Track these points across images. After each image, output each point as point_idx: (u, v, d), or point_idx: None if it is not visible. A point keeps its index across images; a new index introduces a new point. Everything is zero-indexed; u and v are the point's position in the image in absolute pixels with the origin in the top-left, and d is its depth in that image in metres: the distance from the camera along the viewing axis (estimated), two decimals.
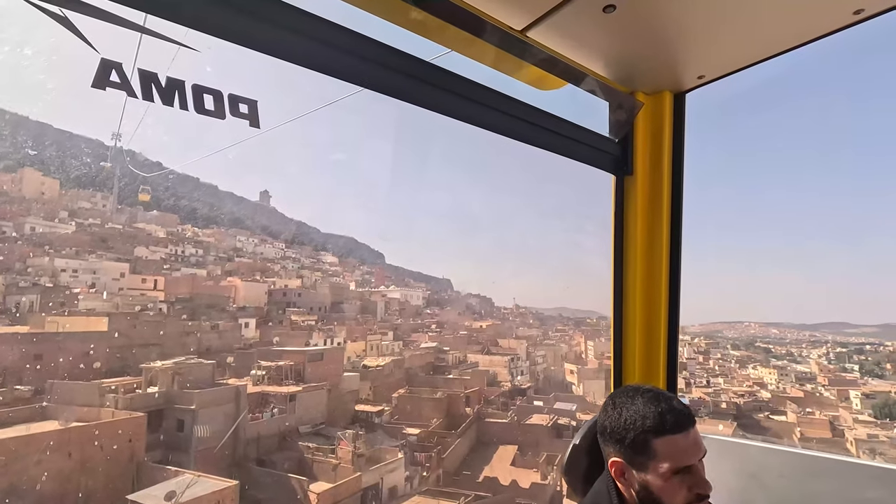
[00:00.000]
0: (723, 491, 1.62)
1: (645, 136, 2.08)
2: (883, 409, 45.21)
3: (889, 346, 71.45)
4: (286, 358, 25.24)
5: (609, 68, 1.87)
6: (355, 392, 27.13)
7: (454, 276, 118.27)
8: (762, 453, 1.87)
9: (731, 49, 1.73)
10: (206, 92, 1.11)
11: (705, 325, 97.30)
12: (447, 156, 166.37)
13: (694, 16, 1.56)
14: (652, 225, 2.06)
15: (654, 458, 1.08)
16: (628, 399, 1.16)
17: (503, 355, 44.09)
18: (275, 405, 22.34)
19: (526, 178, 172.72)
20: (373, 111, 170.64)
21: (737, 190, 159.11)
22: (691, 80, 1.95)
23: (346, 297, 51.73)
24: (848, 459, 1.73)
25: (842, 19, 1.54)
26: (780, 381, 55.88)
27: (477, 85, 1.58)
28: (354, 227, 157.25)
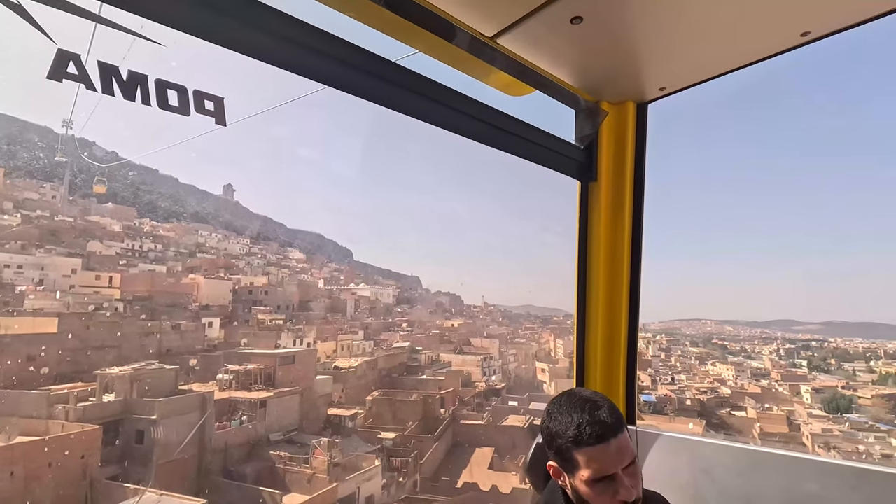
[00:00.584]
0: (677, 486, 1.85)
1: (609, 143, 2.15)
2: (831, 403, 47.41)
3: (832, 343, 75.13)
4: (255, 361, 23.93)
5: (576, 77, 1.93)
6: (328, 396, 26.14)
7: (423, 274, 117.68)
8: (713, 449, 1.94)
9: (690, 64, 1.82)
10: (171, 87, 1.09)
11: (665, 323, 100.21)
12: (417, 155, 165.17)
13: (656, 32, 1.63)
14: (614, 229, 2.14)
15: (577, 467, 1.13)
16: (559, 407, 1.20)
17: (476, 354, 43.80)
18: (244, 412, 21.11)
19: (495, 180, 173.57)
20: (342, 109, 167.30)
21: (696, 194, 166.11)
22: (653, 91, 2.03)
23: (315, 295, 50.26)
24: (790, 454, 1.82)
25: (791, 41, 1.65)
26: (737, 378, 57.86)
27: (445, 88, 1.58)
28: (322, 223, 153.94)
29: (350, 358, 34.73)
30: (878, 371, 58.21)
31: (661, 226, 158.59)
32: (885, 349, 65.68)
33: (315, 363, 27.39)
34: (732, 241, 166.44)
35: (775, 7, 1.53)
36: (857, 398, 48.51)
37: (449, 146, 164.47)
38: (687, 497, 1.91)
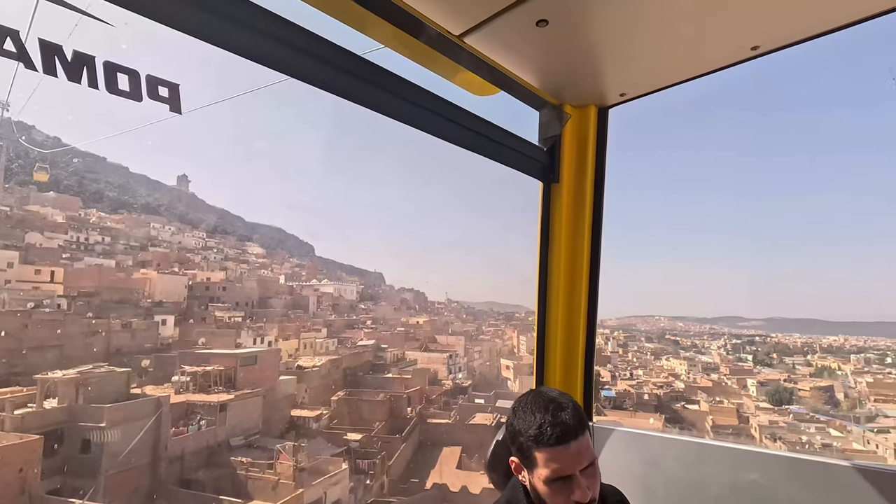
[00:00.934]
0: (629, 478, 1.92)
1: (571, 146, 2.19)
2: (774, 395, 50.02)
3: (774, 338, 79.10)
4: (215, 362, 22.68)
5: (540, 80, 1.96)
6: (292, 397, 25.19)
7: (387, 271, 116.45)
8: (662, 443, 2.03)
9: (648, 72, 1.88)
10: (121, 71, 1.04)
11: (621, 319, 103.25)
12: (381, 151, 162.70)
13: (617, 40, 1.68)
14: (575, 229, 2.19)
15: (536, 466, 1.15)
16: (525, 405, 1.21)
17: (442, 352, 43.59)
18: (202, 416, 19.95)
19: (459, 178, 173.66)
20: (304, 101, 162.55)
21: (650, 195, 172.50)
22: (614, 96, 2.09)
23: (276, 291, 48.67)
24: (732, 446, 1.90)
25: (741, 54, 1.73)
26: (689, 372, 59.98)
27: (411, 84, 1.57)
28: (282, 217, 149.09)
29: (314, 357, 33.76)
30: (815, 365, 61.71)
31: (619, 225, 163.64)
32: (820, 344, 69.83)
33: (278, 363, 26.32)
34: (684, 241, 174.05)
35: (727, 22, 1.59)
36: (798, 390, 51.45)
37: (413, 143, 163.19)
38: (638, 488, 2.00)
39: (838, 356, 63.10)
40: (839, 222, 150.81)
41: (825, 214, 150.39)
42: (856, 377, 54.27)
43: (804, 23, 1.61)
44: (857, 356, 61.90)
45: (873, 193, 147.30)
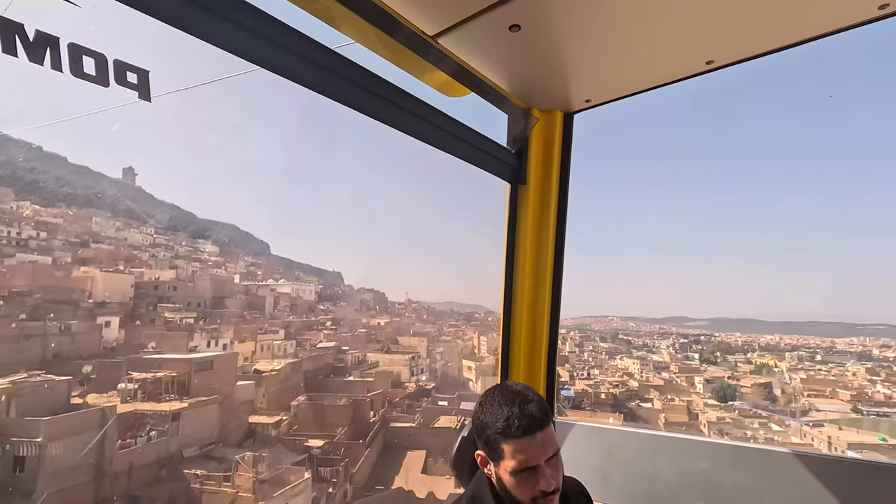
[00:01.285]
0: (588, 469, 2.02)
1: (538, 149, 2.25)
2: (719, 392, 52.47)
3: (718, 337, 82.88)
4: (166, 367, 21.20)
5: (510, 83, 2.01)
6: (250, 403, 23.99)
7: (346, 270, 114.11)
8: (619, 435, 2.16)
9: (612, 80, 1.96)
10: (87, 54, 1.01)
11: (577, 319, 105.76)
12: (342, 148, 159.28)
13: (584, 48, 1.74)
14: (540, 231, 2.25)
15: (503, 458, 1.18)
16: (491, 398, 1.24)
17: (404, 353, 43.09)
18: (152, 426, 18.60)
19: (423, 178, 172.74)
20: (261, 95, 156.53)
21: (604, 198, 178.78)
22: (580, 102, 2.17)
23: (231, 291, 46.65)
24: (682, 436, 2.04)
25: (697, 67, 1.83)
26: (642, 371, 61.99)
27: (383, 80, 1.57)
28: (237, 214, 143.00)
29: (272, 360, 32.45)
30: (754, 362, 65.10)
31: (576, 228, 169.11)
32: (759, 342, 73.83)
33: (236, 367, 25.00)
34: (635, 244, 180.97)
35: (684, 36, 1.67)
36: (740, 387, 54.23)
37: (375, 140, 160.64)
38: (597, 479, 2.09)
39: (774, 354, 66.75)
40: (776, 230, 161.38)
41: (764, 222, 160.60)
42: (791, 374, 57.67)
43: (756, 40, 1.70)
44: (791, 354, 65.67)
45: (805, 205, 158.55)
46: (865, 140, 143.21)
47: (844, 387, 53.52)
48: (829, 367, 60.62)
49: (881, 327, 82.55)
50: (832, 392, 52.98)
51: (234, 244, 72.86)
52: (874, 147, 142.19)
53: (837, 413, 48.52)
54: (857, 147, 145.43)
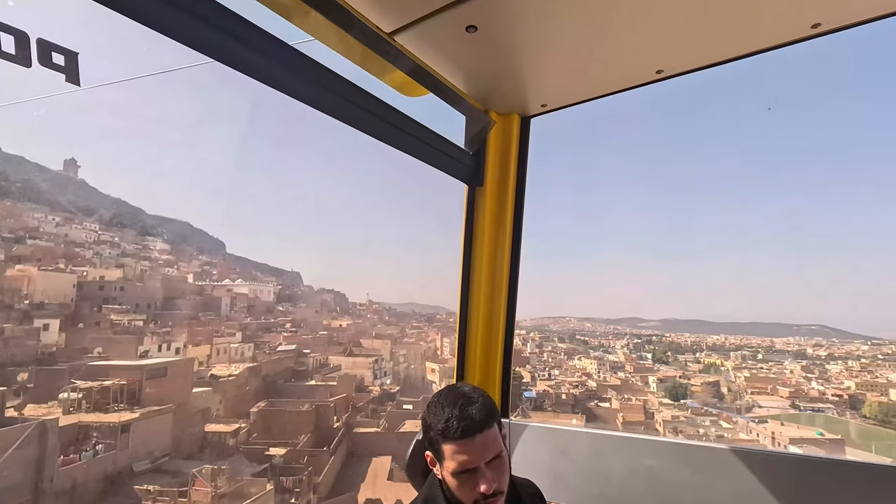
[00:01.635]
0: (542, 469, 2.16)
1: (495, 151, 2.27)
2: (672, 391, 54.43)
3: (669, 337, 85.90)
4: (115, 375, 19.65)
5: (468, 85, 2.05)
6: (206, 410, 22.67)
7: (305, 270, 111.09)
8: (571, 435, 2.19)
9: (567, 86, 2.03)
10: (5, 30, 0.96)
11: (536, 320, 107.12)
12: (303, 146, 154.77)
13: (539, 53, 1.76)
14: (497, 233, 2.26)
15: (444, 459, 1.19)
16: (438, 400, 1.25)
17: (367, 356, 42.33)
18: (99, 440, 17.17)
19: (384, 177, 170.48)
20: (219, 89, 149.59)
21: (559, 201, 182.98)
22: (536, 107, 2.20)
23: (183, 291, 44.45)
24: (632, 435, 2.09)
25: (647, 76, 1.90)
26: (599, 371, 63.46)
27: (340, 77, 1.55)
28: (190, 210, 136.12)
29: (229, 364, 31.02)
30: (703, 362, 67.84)
31: (534, 231, 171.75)
32: (706, 342, 77.01)
33: (192, 374, 23.58)
34: (593, 245, 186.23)
35: (634, 46, 1.71)
36: (691, 386, 56.47)
37: (334, 137, 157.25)
38: (550, 478, 2.15)
39: (720, 353, 69.69)
40: (722, 234, 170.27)
41: (710, 227, 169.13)
42: (735, 372, 60.48)
43: (702, 53, 1.77)
44: (736, 353, 68.70)
45: (752, 212, 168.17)
46: (812, 148, 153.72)
47: (783, 384, 56.41)
48: (770, 366, 63.62)
49: (814, 327, 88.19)
50: (773, 389, 55.71)
51: (187, 242, 69.54)
52: (821, 155, 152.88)
53: (778, 409, 51.10)
54: (803, 156, 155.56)
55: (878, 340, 67.24)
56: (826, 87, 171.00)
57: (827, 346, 69.01)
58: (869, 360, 62.43)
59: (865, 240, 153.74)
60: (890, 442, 42.94)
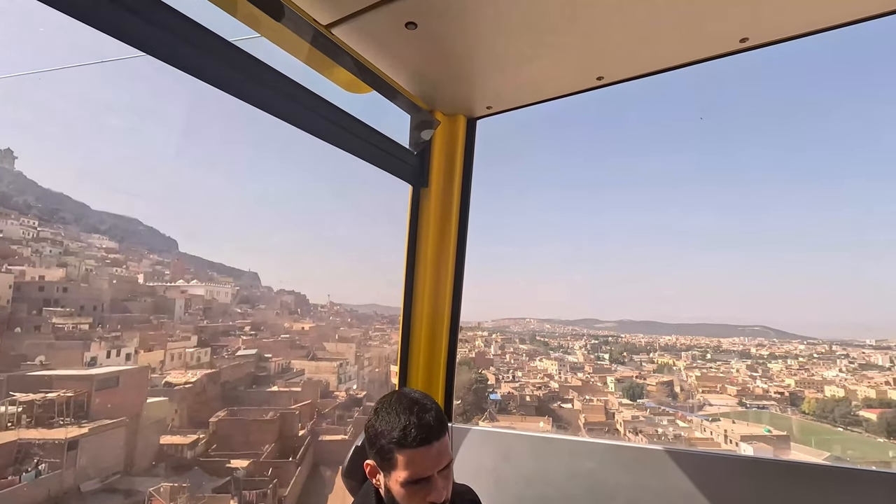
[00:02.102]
0: (483, 473, 2.17)
1: (441, 152, 2.27)
2: (629, 391, 55.98)
3: (624, 338, 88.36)
4: (60, 385, 17.97)
5: (412, 84, 2.01)
6: (162, 421, 21.20)
7: (262, 270, 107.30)
8: (514, 439, 2.24)
9: (511, 89, 2.02)
10: None
11: (497, 321, 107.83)
12: (256, 142, 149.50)
13: (482, 54, 1.75)
14: (442, 234, 2.27)
15: (395, 468, 1.15)
16: (388, 406, 1.21)
17: (332, 360, 41.29)
18: (42, 459, 15.61)
19: (341, 176, 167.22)
20: (164, 81, 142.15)
21: (514, 204, 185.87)
22: (481, 109, 2.23)
23: (133, 293, 42.00)
24: (571, 438, 2.17)
25: (588, 83, 1.94)
26: (560, 372, 64.44)
27: (281, 75, 1.52)
28: (138, 206, 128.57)
29: (185, 370, 29.32)
30: (657, 362, 70.10)
31: (489, 232, 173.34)
32: (659, 342, 79.72)
33: (146, 382, 21.95)
34: (547, 248, 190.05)
35: (575, 52, 1.74)
36: (646, 386, 58.25)
37: (288, 134, 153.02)
38: (491, 482, 2.17)
39: (672, 353, 72.19)
40: (672, 237, 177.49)
41: (662, 229, 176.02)
42: (687, 372, 62.84)
43: (637, 61, 1.80)
44: (687, 353, 71.31)
45: (695, 219, 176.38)
46: (742, 159, 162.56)
47: (730, 382, 58.94)
48: (718, 365, 66.16)
49: (757, 328, 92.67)
50: (721, 388, 58.08)
51: (136, 239, 65.55)
52: (750, 166, 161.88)
53: (727, 407, 53.33)
54: (740, 166, 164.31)
55: (814, 340, 71.35)
56: (759, 98, 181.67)
57: (768, 346, 72.24)
58: (806, 358, 65.84)
59: (800, 246, 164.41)
60: (827, 436, 45.66)
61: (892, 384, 53.84)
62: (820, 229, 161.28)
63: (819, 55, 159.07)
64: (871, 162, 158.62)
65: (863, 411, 49.22)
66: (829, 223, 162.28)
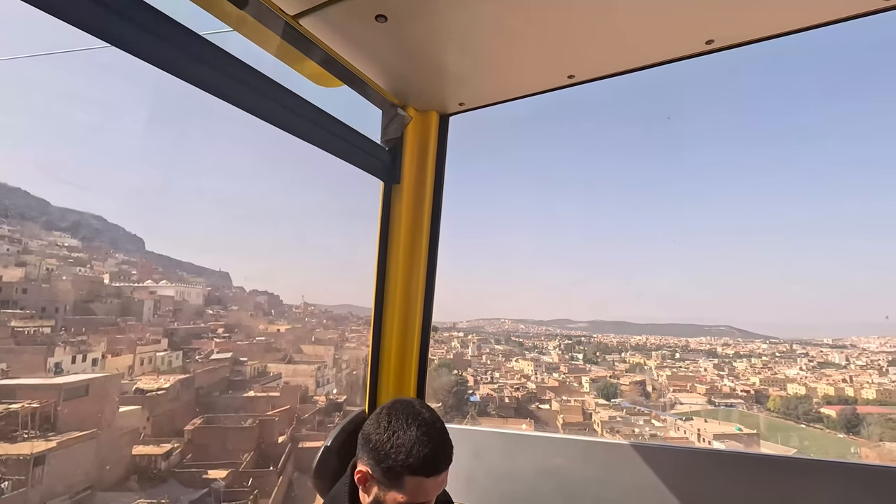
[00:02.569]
0: (455, 471, 2.17)
1: (413, 148, 2.24)
2: (604, 391, 56.83)
3: (596, 338, 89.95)
4: (25, 396, 16.70)
5: (383, 79, 1.98)
6: (135, 431, 20.05)
7: (233, 270, 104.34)
8: (484, 436, 2.32)
9: (483, 86, 2.01)
10: None
11: (471, 322, 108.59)
12: (226, 137, 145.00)
13: (454, 50, 1.74)
14: (414, 232, 2.25)
15: (399, 489, 1.13)
16: (405, 425, 1.17)
17: (310, 363, 40.36)
18: (5, 476, 14.42)
19: (314, 174, 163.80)
20: (132, 73, 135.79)
21: (488, 204, 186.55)
22: (454, 105, 2.21)
23: (99, 293, 40.13)
24: (539, 434, 2.25)
25: (559, 81, 1.94)
26: (536, 372, 64.90)
27: (250, 68, 1.50)
28: (103, 203, 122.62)
29: (157, 376, 28.05)
30: (628, 361, 71.47)
31: (461, 233, 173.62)
32: (630, 342, 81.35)
33: (118, 391, 20.70)
34: (521, 248, 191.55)
35: (546, 50, 1.74)
36: (620, 385, 59.26)
37: (259, 129, 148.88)
38: (463, 481, 2.20)
39: (643, 353, 73.75)
40: (642, 236, 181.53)
41: (633, 229, 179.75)
42: (658, 371, 64.26)
43: (608, 61, 1.81)
44: (657, 353, 72.97)
45: (659, 221, 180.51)
46: (701, 162, 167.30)
47: (700, 381, 60.55)
48: (687, 364, 67.91)
49: (722, 328, 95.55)
50: (692, 387, 59.60)
51: (101, 237, 62.50)
52: (706, 169, 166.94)
53: (698, 406, 54.73)
54: (696, 168, 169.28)
55: (775, 340, 74.19)
56: (721, 100, 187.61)
57: (733, 345, 74.63)
58: (768, 357, 68.21)
59: (763, 249, 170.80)
60: (791, 433, 47.44)
61: (849, 381, 56.36)
62: (784, 236, 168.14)
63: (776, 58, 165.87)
64: (828, 166, 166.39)
65: (824, 408, 51.29)
66: (791, 226, 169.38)
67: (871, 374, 57.57)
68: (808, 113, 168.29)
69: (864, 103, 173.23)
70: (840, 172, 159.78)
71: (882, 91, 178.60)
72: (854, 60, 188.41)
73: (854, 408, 51.48)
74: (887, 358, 60.87)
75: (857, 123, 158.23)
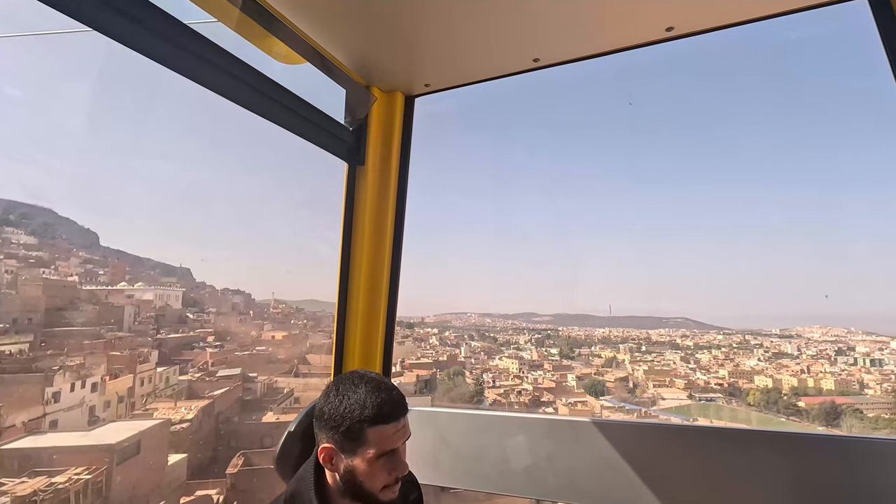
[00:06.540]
0: (420, 455, 2.21)
1: (378, 130, 2.21)
2: (591, 388, 56.43)
3: (562, 331, 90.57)
4: (63, 462, 12.60)
5: (348, 58, 1.97)
6: (182, 486, 16.37)
7: (194, 266, 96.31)
8: (448, 417, 2.31)
9: (449, 68, 2.02)
10: None
11: (438, 317, 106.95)
12: (178, 121, 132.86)
13: (418, 31, 1.75)
14: (379, 215, 2.19)
15: (364, 445, 1.16)
16: (352, 387, 1.21)
17: (320, 376, 37.01)
18: None
19: (275, 161, 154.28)
20: (69, 50, 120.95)
21: (454, 196, 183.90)
22: (419, 87, 2.22)
23: (70, 299, 35.11)
24: (502, 414, 2.26)
25: (524, 65, 1.96)
26: (521, 371, 63.67)
27: (207, 40, 1.42)
28: (51, 194, 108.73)
29: (175, 405, 24.04)
30: (603, 356, 71.65)
31: (427, 227, 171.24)
32: (594, 335, 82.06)
33: (167, 441, 16.74)
34: (485, 242, 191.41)
35: (512, 33, 1.75)
36: (606, 383, 59.13)
37: (214, 109, 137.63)
38: (429, 463, 2.26)
39: (611, 346, 74.31)
40: (598, 231, 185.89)
41: (596, 220, 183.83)
42: (633, 365, 64.73)
43: (572, 46, 1.85)
44: (623, 346, 73.73)
45: (621, 215, 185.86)
46: (660, 155, 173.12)
47: (676, 375, 61.38)
48: (655, 356, 68.63)
49: (679, 320, 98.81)
50: (670, 381, 60.32)
51: (53, 233, 54.62)
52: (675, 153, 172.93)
53: (680, 401, 55.28)
54: (650, 164, 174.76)
55: (728, 330, 76.82)
56: (683, 88, 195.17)
57: (691, 337, 76.57)
58: (726, 347, 70.14)
59: (712, 243, 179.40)
60: (775, 426, 48.76)
61: (807, 372, 58.97)
62: (732, 231, 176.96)
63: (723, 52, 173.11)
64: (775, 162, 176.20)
65: (801, 401, 53.15)
66: (735, 217, 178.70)
67: (823, 364, 60.44)
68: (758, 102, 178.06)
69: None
70: (764, 163, 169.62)
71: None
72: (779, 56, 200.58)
73: (833, 399, 53.51)
74: (833, 347, 64.13)
75: (780, 109, 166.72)
